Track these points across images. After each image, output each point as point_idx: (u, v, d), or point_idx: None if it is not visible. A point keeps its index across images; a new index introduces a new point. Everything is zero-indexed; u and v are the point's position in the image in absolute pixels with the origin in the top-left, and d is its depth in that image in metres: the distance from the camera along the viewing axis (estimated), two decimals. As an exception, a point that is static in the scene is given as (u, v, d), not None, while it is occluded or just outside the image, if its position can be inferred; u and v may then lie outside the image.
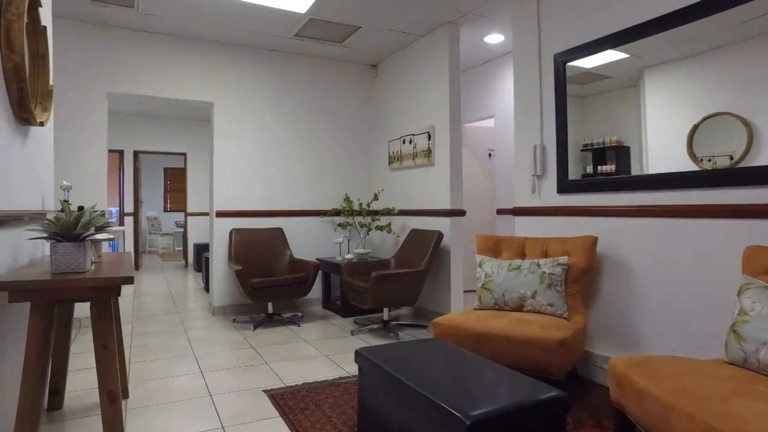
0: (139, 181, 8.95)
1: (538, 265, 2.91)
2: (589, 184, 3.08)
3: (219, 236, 4.91)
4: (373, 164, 5.73)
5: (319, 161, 5.43)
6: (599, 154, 3.09)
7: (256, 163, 5.10)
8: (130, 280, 1.79)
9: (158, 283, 7.06)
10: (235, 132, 5.00)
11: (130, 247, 8.53)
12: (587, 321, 3.06)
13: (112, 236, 2.31)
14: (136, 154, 8.60)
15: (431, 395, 1.70)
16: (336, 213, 5.43)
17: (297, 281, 4.39)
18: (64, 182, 2.76)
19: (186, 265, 9.05)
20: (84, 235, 1.92)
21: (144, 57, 4.61)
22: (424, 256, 4.20)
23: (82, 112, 4.39)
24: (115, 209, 8.99)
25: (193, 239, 9.02)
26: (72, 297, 1.78)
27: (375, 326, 4.30)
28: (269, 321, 4.57)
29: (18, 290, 1.70)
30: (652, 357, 1.91)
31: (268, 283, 4.26)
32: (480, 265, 3.12)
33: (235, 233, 4.82)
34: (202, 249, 7.39)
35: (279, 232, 5.05)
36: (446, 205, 4.46)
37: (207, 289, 6.06)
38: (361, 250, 5.06)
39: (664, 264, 2.66)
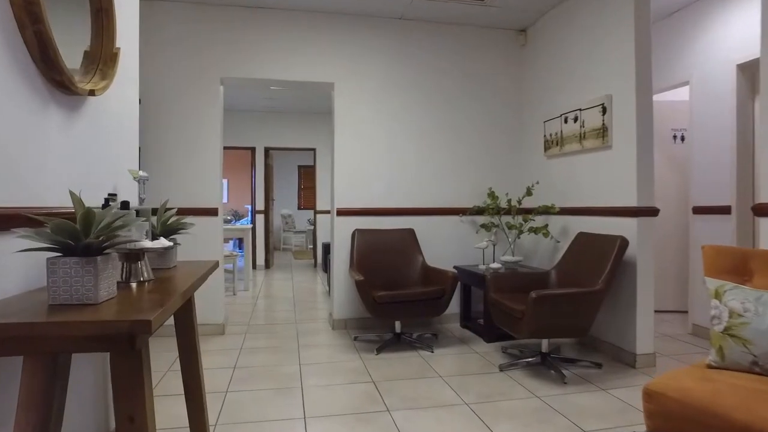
0: (271, 179, 8.81)
1: (840, 303, 1.68)
2: None
3: (340, 237, 4.24)
4: (525, 151, 4.64)
5: (457, 149, 4.50)
6: None
7: (382, 152, 4.33)
8: (142, 327, 1.04)
9: (284, 284, 6.71)
10: (357, 116, 4.28)
11: (261, 245, 8.40)
12: None
13: (169, 244, 1.63)
14: (266, 150, 8.44)
15: None
16: (478, 211, 4.45)
17: (430, 296, 3.53)
18: (140, 172, 2.18)
19: (315, 265, 8.73)
20: (102, 244, 1.24)
21: (257, 36, 4.09)
22: (601, 270, 3.06)
23: (195, 101, 3.98)
24: (249, 206, 9.01)
25: (321, 238, 8.65)
26: (59, 348, 1.09)
27: (530, 360, 3.27)
28: (395, 343, 3.77)
29: (-26, 338, 1.03)
30: None
31: (396, 297, 3.46)
32: (718, 296, 1.95)
33: (358, 234, 4.10)
34: (328, 249, 6.91)
35: (409, 233, 4.23)
36: (631, 202, 3.26)
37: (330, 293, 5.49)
38: (509, 258, 4.04)
39: None
